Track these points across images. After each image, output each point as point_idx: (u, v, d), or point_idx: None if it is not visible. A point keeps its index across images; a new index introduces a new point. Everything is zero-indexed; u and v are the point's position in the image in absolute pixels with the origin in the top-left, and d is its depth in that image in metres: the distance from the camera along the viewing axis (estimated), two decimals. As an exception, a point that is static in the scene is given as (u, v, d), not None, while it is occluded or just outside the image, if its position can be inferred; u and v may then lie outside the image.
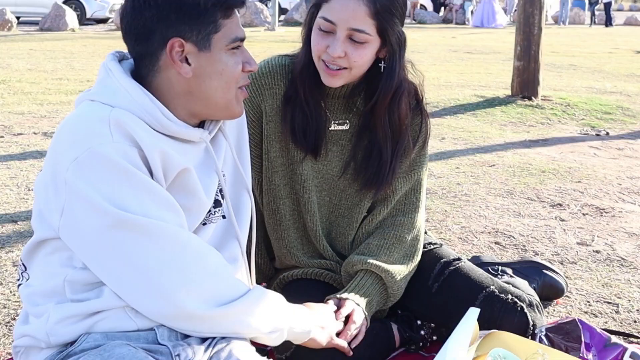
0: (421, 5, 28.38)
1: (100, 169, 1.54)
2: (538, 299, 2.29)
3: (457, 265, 2.32)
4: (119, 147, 1.56)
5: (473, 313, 1.87)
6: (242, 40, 1.74)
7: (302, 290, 2.25)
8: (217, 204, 1.85)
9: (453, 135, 5.91)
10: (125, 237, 1.54)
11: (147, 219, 1.55)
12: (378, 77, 2.16)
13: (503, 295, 2.22)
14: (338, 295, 2.13)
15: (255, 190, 2.29)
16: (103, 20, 22.21)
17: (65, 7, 18.39)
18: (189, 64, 1.67)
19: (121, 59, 1.76)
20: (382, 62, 2.14)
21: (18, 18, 18.78)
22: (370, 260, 2.19)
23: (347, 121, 2.26)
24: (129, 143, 1.58)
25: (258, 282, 2.48)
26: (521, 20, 7.30)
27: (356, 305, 2.10)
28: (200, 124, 1.81)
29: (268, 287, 2.44)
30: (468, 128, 6.25)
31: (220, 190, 1.85)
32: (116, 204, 1.53)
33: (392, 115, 2.19)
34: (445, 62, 11.95)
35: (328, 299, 2.12)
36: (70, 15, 18.25)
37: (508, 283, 2.39)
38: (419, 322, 2.34)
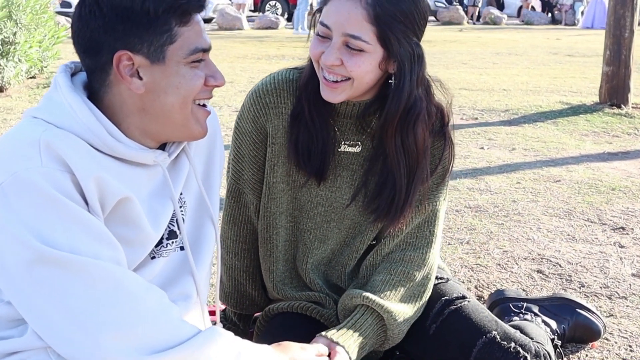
0: (532, 7, 27.47)
1: (26, 197, 1.41)
2: (549, 349, 2.03)
3: (459, 305, 2.08)
4: (48, 173, 1.43)
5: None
6: (206, 50, 1.56)
7: (286, 324, 2.08)
8: (172, 235, 1.70)
9: (525, 145, 5.55)
10: (49, 274, 1.41)
11: (74, 255, 1.41)
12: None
13: (505, 342, 1.97)
14: (329, 336, 1.91)
15: (254, 217, 2.13)
16: (207, 20, 22.57)
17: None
18: (140, 78, 1.51)
19: (77, 71, 1.62)
20: (393, 77, 1.91)
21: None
22: (373, 297, 1.97)
23: (359, 143, 2.03)
24: (60, 168, 1.44)
25: (251, 314, 2.31)
26: (611, 23, 6.85)
27: (345, 354, 1.89)
28: (163, 146, 1.66)
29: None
30: (544, 138, 5.86)
31: (177, 221, 1.69)
32: (41, 237, 1.40)
33: (405, 139, 1.93)
34: (541, 65, 11.43)
35: (318, 337, 1.91)
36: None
37: (517, 327, 2.13)
38: (416, 366, 2.12)
